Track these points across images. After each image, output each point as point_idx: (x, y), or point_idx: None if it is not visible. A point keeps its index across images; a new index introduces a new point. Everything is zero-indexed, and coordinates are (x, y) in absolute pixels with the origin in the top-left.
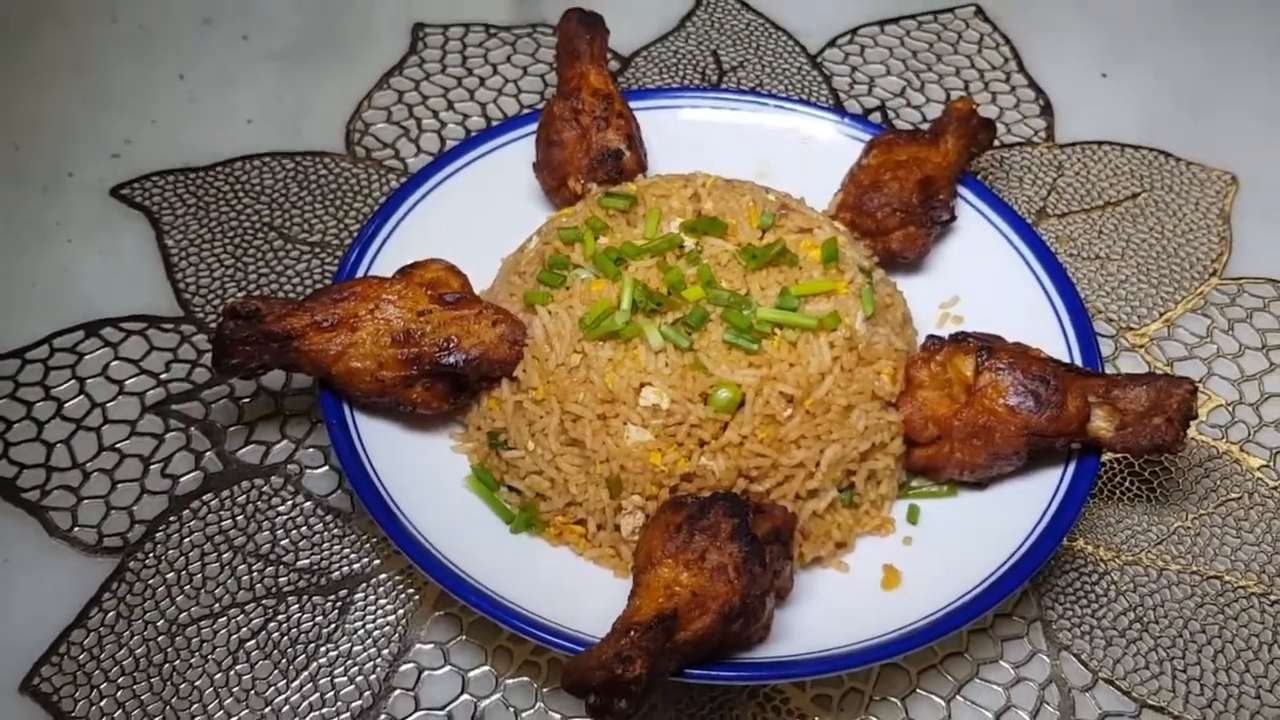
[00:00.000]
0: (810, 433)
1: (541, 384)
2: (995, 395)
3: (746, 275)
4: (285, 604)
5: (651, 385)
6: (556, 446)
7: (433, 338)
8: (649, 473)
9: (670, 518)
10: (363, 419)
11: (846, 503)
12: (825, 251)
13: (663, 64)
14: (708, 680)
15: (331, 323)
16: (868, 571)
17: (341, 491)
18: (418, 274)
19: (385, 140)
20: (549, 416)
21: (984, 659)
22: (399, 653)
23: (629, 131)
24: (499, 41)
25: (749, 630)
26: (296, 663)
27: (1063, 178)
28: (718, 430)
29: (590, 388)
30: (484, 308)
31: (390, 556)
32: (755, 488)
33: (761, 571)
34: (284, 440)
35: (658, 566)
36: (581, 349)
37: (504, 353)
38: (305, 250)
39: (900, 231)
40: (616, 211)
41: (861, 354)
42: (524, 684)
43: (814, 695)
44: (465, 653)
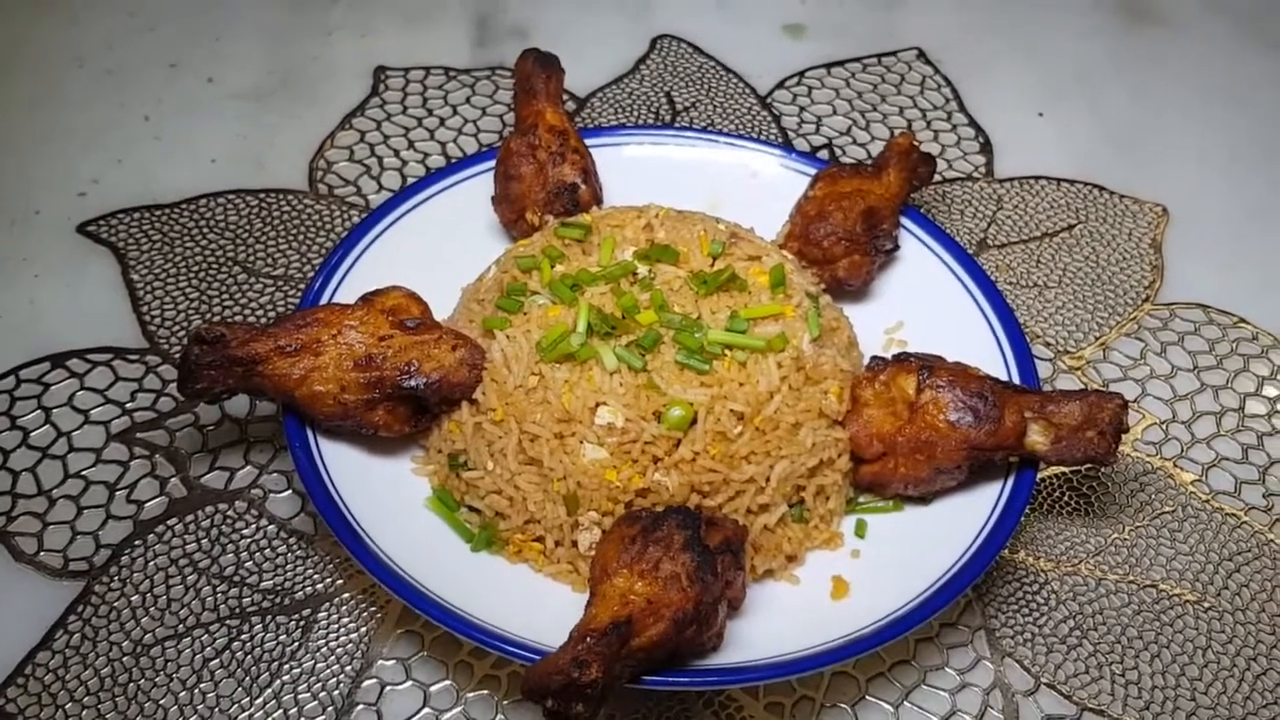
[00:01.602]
0: (760, 449)
1: (500, 405)
2: (936, 412)
3: (698, 300)
4: (249, 624)
5: (606, 405)
6: (515, 466)
7: (394, 362)
8: (605, 489)
9: (625, 530)
10: (325, 443)
11: (796, 517)
12: (773, 277)
13: (617, 104)
14: (662, 686)
15: (295, 348)
16: (817, 583)
17: (304, 515)
18: (379, 301)
19: (347, 178)
20: (508, 437)
21: (930, 666)
22: (361, 669)
23: (584, 166)
24: (458, 84)
25: (702, 637)
26: (260, 680)
27: (1002, 211)
28: (670, 447)
29: (547, 408)
30: (444, 332)
31: (353, 576)
32: (708, 502)
33: (714, 580)
34: (248, 466)
35: (613, 577)
36: (539, 371)
37: (463, 376)
38: (269, 283)
39: (846, 260)
40: (572, 240)
41: (809, 374)
42: (484, 697)
43: (767, 703)
44: (427, 668)
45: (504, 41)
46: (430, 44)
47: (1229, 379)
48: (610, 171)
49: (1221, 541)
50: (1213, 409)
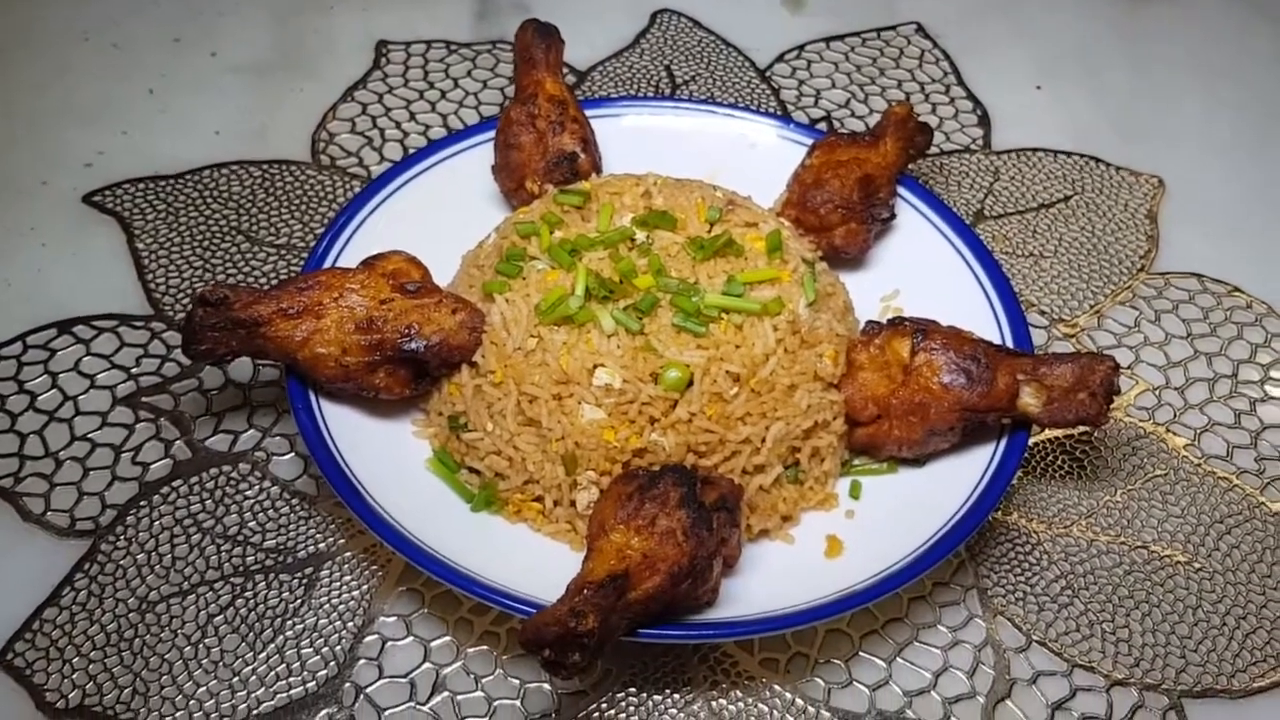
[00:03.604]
0: (755, 410)
1: (499, 368)
2: (930, 374)
3: (695, 265)
4: (253, 581)
5: (604, 366)
6: (514, 427)
7: (395, 325)
8: (602, 449)
9: (622, 489)
10: (328, 405)
11: (792, 478)
12: (770, 243)
13: (617, 78)
14: (657, 639)
15: (297, 310)
16: (812, 542)
17: (307, 476)
18: (380, 265)
19: (349, 149)
20: (507, 398)
21: (923, 624)
22: (363, 625)
23: (583, 135)
24: (459, 57)
25: (697, 592)
26: (264, 636)
27: (999, 182)
28: (668, 408)
29: (546, 370)
30: (444, 296)
31: (354, 536)
32: (704, 462)
33: (709, 536)
34: (251, 429)
35: (610, 533)
36: (537, 334)
37: (463, 339)
38: (271, 252)
39: (842, 227)
40: (571, 207)
41: (804, 337)
42: (484, 652)
43: (761, 659)
44: (427, 625)
45: (505, 15)
46: (432, 17)
47: (1222, 346)
48: (612, 142)
49: (1213, 504)
50: (1206, 375)
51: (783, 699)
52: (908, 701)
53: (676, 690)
